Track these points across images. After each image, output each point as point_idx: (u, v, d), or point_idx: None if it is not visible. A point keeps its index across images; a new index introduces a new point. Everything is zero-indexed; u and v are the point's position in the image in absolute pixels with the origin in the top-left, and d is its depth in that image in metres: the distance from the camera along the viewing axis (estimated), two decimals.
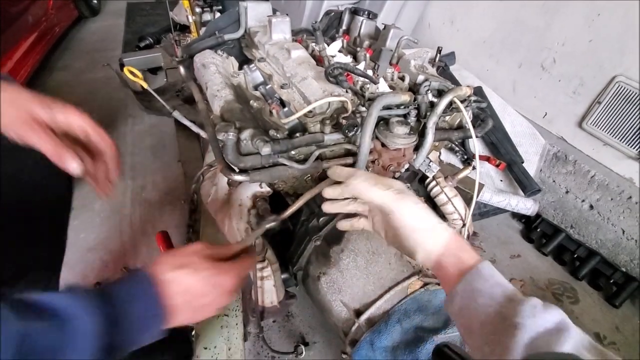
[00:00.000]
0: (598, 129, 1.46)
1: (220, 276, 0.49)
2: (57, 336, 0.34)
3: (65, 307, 0.36)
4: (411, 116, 0.80)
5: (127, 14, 4.00)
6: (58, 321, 0.35)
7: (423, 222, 0.54)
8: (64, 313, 0.35)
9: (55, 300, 0.36)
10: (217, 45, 1.10)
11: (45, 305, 0.35)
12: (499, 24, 1.82)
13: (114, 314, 0.39)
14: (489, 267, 0.50)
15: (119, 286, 0.42)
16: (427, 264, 0.54)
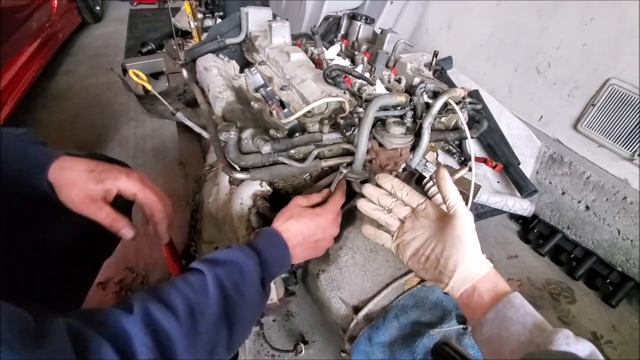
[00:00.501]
0: (593, 131, 1.48)
1: (319, 217, 0.65)
2: (239, 276, 0.51)
3: (238, 257, 0.53)
4: (407, 117, 0.83)
5: (130, 20, 4.06)
6: (236, 266, 0.52)
7: (476, 241, 0.54)
8: (239, 261, 0.52)
9: (230, 254, 0.53)
10: (218, 50, 1.13)
11: (225, 258, 0.52)
12: (495, 28, 1.86)
13: (262, 259, 0.56)
14: (520, 297, 0.50)
15: (259, 241, 0.59)
16: (460, 286, 0.53)
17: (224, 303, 0.47)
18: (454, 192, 0.56)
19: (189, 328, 0.42)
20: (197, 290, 0.46)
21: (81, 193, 0.56)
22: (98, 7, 3.99)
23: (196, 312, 0.44)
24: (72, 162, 0.57)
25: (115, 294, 1.26)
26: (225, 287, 0.48)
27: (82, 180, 0.55)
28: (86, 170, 0.56)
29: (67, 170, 0.56)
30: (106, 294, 1.26)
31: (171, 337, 0.41)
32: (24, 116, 2.16)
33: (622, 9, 1.34)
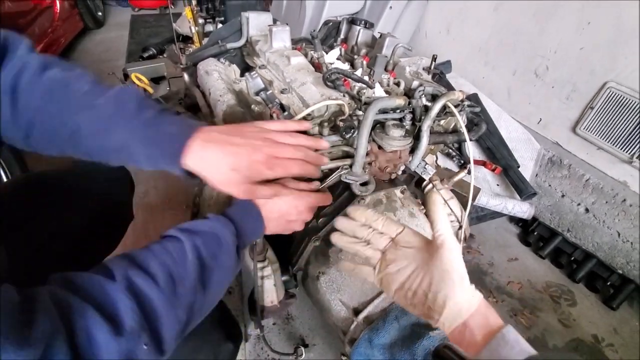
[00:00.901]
0: (591, 134, 1.49)
1: (299, 199, 0.63)
2: (215, 245, 0.52)
3: (215, 227, 0.53)
4: (406, 120, 0.83)
5: (131, 25, 4.10)
6: (213, 235, 0.52)
7: (465, 273, 0.50)
8: (216, 230, 0.53)
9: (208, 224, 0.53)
10: (219, 54, 1.14)
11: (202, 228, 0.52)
12: (493, 32, 1.87)
13: (238, 228, 0.56)
14: (513, 332, 0.48)
15: (235, 210, 0.59)
16: (451, 323, 0.49)
17: (201, 271, 0.49)
18: (444, 220, 0.53)
19: (170, 294, 0.44)
20: (175, 258, 0.47)
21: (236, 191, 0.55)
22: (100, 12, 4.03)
23: (175, 279, 0.45)
24: (211, 151, 0.52)
25: None
26: (202, 256, 0.49)
27: (228, 179, 0.53)
28: (233, 169, 0.53)
29: (208, 163, 0.52)
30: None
31: (153, 303, 0.42)
32: None
33: (618, 12, 1.35)
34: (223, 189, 0.54)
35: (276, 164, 0.56)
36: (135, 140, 0.50)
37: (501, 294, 1.42)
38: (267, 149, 0.55)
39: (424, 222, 0.92)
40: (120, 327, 0.38)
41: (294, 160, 0.58)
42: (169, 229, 0.52)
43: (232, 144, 0.53)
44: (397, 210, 0.88)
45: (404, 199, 0.93)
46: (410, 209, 0.91)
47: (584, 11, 1.46)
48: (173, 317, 0.44)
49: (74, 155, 0.53)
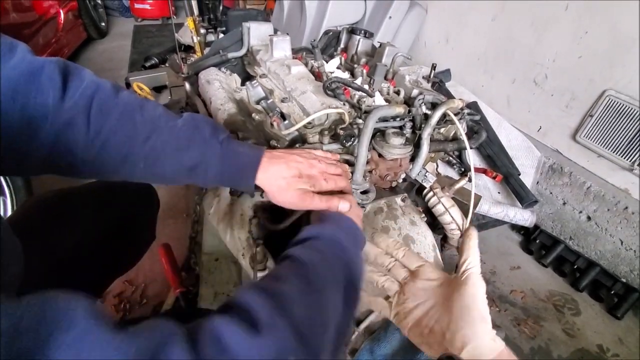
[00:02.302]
0: (591, 142, 1.49)
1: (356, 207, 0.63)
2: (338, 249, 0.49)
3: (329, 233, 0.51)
4: (406, 128, 0.84)
5: (134, 35, 4.15)
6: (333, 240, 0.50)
7: (487, 315, 0.47)
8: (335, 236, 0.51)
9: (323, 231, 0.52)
10: (221, 63, 1.15)
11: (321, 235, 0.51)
12: (492, 41, 1.89)
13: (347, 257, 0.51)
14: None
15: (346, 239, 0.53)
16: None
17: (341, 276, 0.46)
18: (476, 257, 0.50)
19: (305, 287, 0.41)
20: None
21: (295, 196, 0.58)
22: (103, 23, 4.09)
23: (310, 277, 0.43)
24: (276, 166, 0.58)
25: (114, 307, 1.25)
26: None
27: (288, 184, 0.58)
28: (294, 176, 0.58)
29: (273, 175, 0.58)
30: (105, 306, 1.25)
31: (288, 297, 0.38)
32: None
33: (615, 22, 1.37)
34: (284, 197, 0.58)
35: (329, 178, 0.62)
36: (214, 158, 0.54)
37: (504, 302, 1.40)
38: (320, 166, 0.62)
39: (425, 230, 0.91)
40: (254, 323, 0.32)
41: (340, 177, 0.64)
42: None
43: (294, 159, 0.60)
44: (398, 219, 0.88)
45: (405, 207, 0.92)
46: (412, 217, 0.91)
47: (581, 21, 1.48)
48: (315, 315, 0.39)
49: (141, 179, 0.54)
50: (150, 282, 1.34)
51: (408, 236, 0.86)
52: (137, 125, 0.50)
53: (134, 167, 0.51)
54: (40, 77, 0.44)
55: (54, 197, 0.73)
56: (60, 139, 0.46)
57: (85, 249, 0.71)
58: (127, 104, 0.50)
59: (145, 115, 0.51)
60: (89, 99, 0.47)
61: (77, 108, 0.46)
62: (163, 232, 1.53)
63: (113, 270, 0.83)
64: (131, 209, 0.81)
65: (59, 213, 0.70)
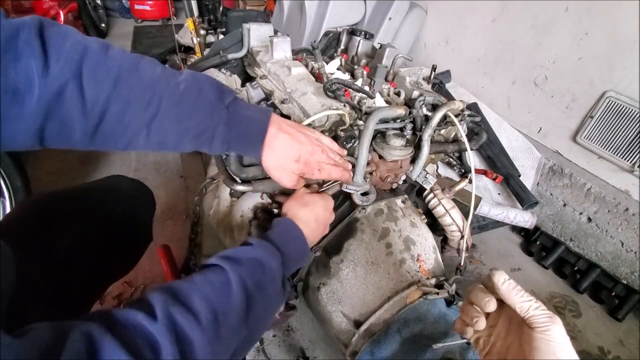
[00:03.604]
0: (592, 143, 1.49)
1: (325, 200, 0.68)
2: (261, 275, 0.49)
3: (260, 255, 0.51)
4: (407, 129, 0.83)
5: (134, 36, 4.15)
6: (259, 265, 0.50)
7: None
8: (262, 259, 0.50)
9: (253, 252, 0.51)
10: (221, 64, 1.15)
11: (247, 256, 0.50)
12: (491, 43, 1.89)
13: (284, 256, 0.55)
14: None
15: (278, 235, 0.57)
16: None
17: (246, 304, 0.46)
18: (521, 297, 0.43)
19: (212, 334, 0.40)
20: (219, 290, 0.44)
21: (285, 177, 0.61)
22: (103, 24, 4.09)
23: (219, 315, 0.42)
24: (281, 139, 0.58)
25: None
26: (247, 288, 0.46)
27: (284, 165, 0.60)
28: (293, 158, 0.59)
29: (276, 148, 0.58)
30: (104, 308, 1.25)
31: (194, 345, 0.38)
32: None
33: (615, 24, 1.37)
34: (276, 173, 0.60)
35: (324, 168, 0.63)
36: (220, 124, 0.52)
37: None
38: (321, 155, 0.63)
39: (425, 232, 0.91)
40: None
41: (336, 167, 0.65)
42: (211, 258, 0.49)
43: (300, 140, 0.60)
44: (398, 220, 0.88)
45: (405, 209, 0.92)
46: (412, 219, 0.91)
47: (581, 22, 1.48)
48: (213, 354, 0.40)
49: (145, 147, 0.50)
50: (150, 283, 1.34)
51: (408, 238, 0.86)
52: (135, 90, 0.46)
53: (137, 136, 0.48)
54: (16, 43, 0.40)
55: (49, 198, 0.72)
56: (53, 112, 0.42)
57: (81, 251, 0.70)
58: (121, 65, 0.45)
59: (143, 78, 0.47)
60: (77, 63, 0.42)
61: (65, 75, 0.42)
62: (162, 234, 1.53)
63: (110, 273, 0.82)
64: (127, 211, 0.80)
65: (53, 215, 0.68)
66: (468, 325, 0.50)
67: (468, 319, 0.49)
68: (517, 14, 1.73)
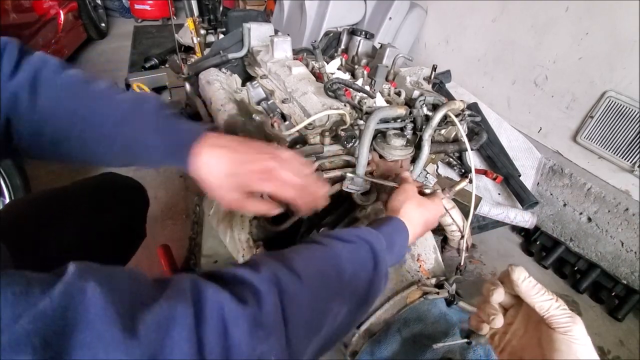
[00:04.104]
0: (592, 143, 1.49)
1: (438, 206, 0.70)
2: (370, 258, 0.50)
3: (373, 241, 0.52)
4: (407, 129, 0.84)
5: (134, 36, 4.14)
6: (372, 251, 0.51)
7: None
8: (375, 246, 0.51)
9: (365, 235, 0.52)
10: (221, 64, 1.15)
11: (360, 238, 0.51)
12: (491, 43, 1.89)
13: (391, 253, 0.56)
14: None
15: (387, 230, 0.57)
16: None
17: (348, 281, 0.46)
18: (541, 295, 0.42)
19: (314, 292, 0.41)
20: (327, 260, 0.45)
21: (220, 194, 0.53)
22: (103, 23, 4.09)
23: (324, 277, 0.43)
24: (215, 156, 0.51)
25: None
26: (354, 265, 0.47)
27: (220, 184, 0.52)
28: (228, 174, 0.51)
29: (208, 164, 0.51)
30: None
31: (296, 299, 0.38)
32: None
33: (615, 24, 1.37)
34: (213, 194, 0.52)
35: (270, 179, 0.52)
36: (151, 132, 0.49)
37: None
38: (266, 162, 0.52)
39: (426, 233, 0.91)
40: (259, 322, 0.34)
41: (291, 184, 0.53)
42: (318, 235, 0.51)
43: (236, 150, 0.51)
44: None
45: None
46: None
47: (581, 22, 1.48)
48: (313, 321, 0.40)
49: (78, 159, 0.51)
50: None
51: None
52: (77, 100, 0.48)
53: (70, 148, 0.49)
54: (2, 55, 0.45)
55: (42, 197, 0.72)
56: (8, 115, 0.45)
57: (73, 250, 0.69)
58: (71, 77, 0.48)
59: (88, 90, 0.49)
60: (34, 72, 0.46)
61: (22, 82, 0.45)
62: (162, 233, 1.52)
63: None
64: (120, 208, 0.80)
65: (46, 213, 0.68)
66: (484, 322, 0.49)
67: (485, 316, 0.48)
68: (517, 14, 1.73)
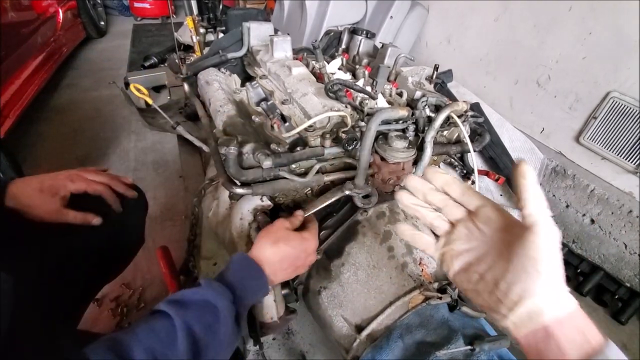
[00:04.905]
0: (595, 144, 1.47)
1: (305, 242, 0.65)
2: (211, 316, 0.49)
3: (209, 296, 0.50)
4: (409, 131, 0.82)
5: (133, 34, 4.13)
6: (208, 307, 0.49)
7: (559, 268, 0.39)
8: (211, 300, 0.50)
9: (201, 293, 0.51)
10: (220, 64, 1.13)
11: (195, 298, 0.50)
12: (494, 42, 1.87)
13: (236, 294, 0.54)
14: (616, 350, 0.38)
15: (232, 273, 0.57)
16: (524, 324, 0.39)
17: (193, 351, 0.45)
18: (538, 197, 0.40)
19: None
20: (163, 340, 0.44)
21: (44, 210, 0.64)
22: (102, 22, 4.07)
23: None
24: (22, 186, 0.64)
25: (111, 311, 1.23)
26: (194, 333, 0.46)
27: (39, 200, 0.64)
28: (37, 190, 0.64)
29: (21, 197, 0.63)
30: (102, 311, 1.23)
31: None
32: (26, 129, 2.16)
33: (619, 23, 1.35)
34: (36, 214, 0.63)
35: (78, 178, 0.68)
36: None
37: None
38: (72, 171, 0.69)
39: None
40: None
41: (96, 182, 0.71)
42: (159, 303, 0.49)
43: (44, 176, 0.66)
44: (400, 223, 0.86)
45: None
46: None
47: (585, 21, 1.46)
48: None
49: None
50: (148, 285, 1.33)
51: None
52: None
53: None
54: None
55: None
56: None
57: (72, 256, 0.69)
58: None
59: None
60: None
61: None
62: (161, 234, 1.51)
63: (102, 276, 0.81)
64: (120, 214, 0.79)
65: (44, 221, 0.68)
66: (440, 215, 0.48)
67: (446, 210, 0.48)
68: (520, 13, 1.72)
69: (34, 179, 0.66)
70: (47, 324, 0.55)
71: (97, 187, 0.71)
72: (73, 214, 0.66)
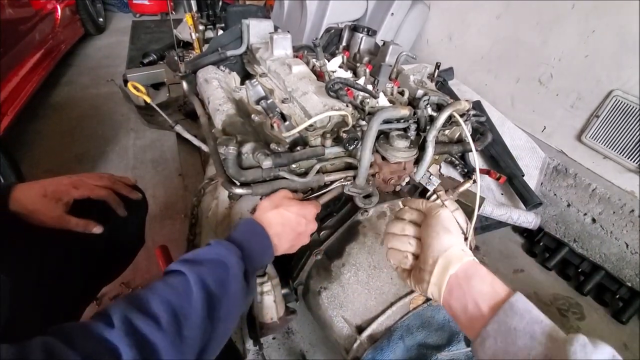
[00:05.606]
0: (597, 143, 1.46)
1: (304, 208, 0.66)
2: (222, 272, 0.51)
3: (219, 253, 0.52)
4: (411, 130, 0.81)
5: (132, 31, 4.10)
6: (219, 263, 0.51)
7: (454, 227, 0.52)
8: (221, 257, 0.52)
9: (211, 251, 0.53)
10: (219, 61, 1.12)
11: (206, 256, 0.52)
12: (496, 40, 1.86)
13: (245, 252, 0.56)
14: (523, 300, 0.44)
15: (239, 233, 0.59)
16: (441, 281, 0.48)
17: (208, 303, 0.47)
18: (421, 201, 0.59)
19: (174, 335, 0.42)
20: (179, 293, 0.45)
21: (47, 215, 0.64)
22: (101, 18, 4.04)
23: (180, 316, 0.43)
24: (26, 191, 0.64)
25: None
26: (208, 287, 0.48)
27: (42, 206, 0.63)
28: (40, 195, 0.64)
29: (24, 201, 0.63)
30: None
31: (156, 347, 0.40)
32: (24, 127, 2.15)
33: (622, 22, 1.34)
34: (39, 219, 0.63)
35: (82, 185, 0.69)
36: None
37: None
38: (74, 177, 0.70)
39: None
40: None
41: (100, 187, 0.71)
42: (172, 263, 0.51)
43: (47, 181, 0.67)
44: None
45: None
46: None
47: (588, 20, 1.45)
48: (178, 354, 0.41)
49: None
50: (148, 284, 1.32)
51: None
52: None
53: None
54: None
55: None
56: None
57: (72, 255, 0.69)
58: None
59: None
60: None
61: None
62: (161, 233, 1.51)
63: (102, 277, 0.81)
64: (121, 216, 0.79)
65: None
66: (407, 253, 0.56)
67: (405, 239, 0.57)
68: (522, 11, 1.70)
69: (37, 184, 0.65)
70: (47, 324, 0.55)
71: (100, 192, 0.71)
72: (75, 221, 0.66)
